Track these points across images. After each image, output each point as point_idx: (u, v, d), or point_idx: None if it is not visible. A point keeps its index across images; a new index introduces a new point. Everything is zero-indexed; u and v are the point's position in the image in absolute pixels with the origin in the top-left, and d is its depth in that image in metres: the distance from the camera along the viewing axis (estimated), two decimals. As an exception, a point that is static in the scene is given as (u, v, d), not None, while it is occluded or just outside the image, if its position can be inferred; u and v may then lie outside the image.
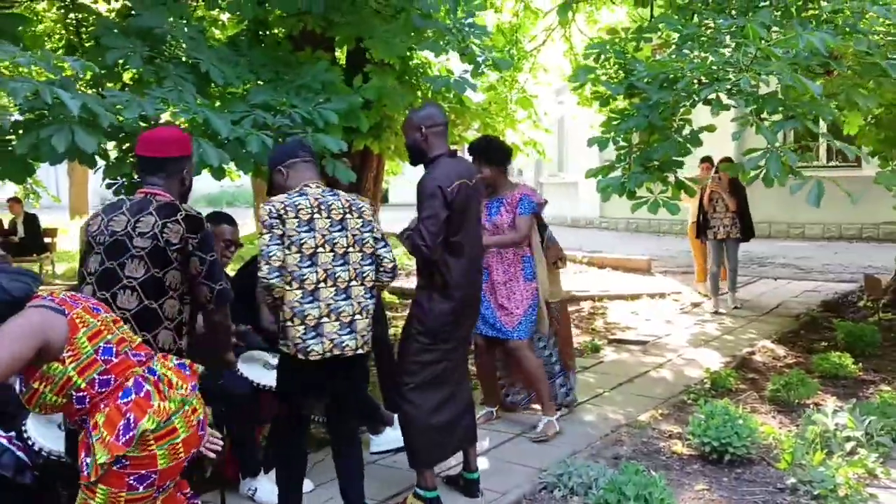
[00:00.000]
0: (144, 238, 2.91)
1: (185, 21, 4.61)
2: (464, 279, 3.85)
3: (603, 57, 5.97)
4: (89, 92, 4.10)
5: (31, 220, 12.28)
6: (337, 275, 3.34)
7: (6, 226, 12.44)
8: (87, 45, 6.17)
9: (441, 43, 4.98)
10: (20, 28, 4.67)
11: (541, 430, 4.89)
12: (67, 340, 2.38)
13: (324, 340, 3.30)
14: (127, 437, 2.35)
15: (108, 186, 4.28)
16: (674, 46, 5.66)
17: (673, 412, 5.37)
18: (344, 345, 3.35)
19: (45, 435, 3.18)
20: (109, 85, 4.58)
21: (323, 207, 3.35)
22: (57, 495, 3.33)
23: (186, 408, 2.51)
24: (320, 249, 3.30)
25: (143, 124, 3.81)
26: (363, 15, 4.99)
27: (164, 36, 4.41)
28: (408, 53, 6.10)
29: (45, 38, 8.10)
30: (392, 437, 4.59)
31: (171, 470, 2.48)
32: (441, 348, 3.85)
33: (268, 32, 5.56)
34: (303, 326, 3.28)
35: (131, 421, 2.37)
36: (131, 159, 4.13)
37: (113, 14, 6.65)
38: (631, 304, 9.70)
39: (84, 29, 6.86)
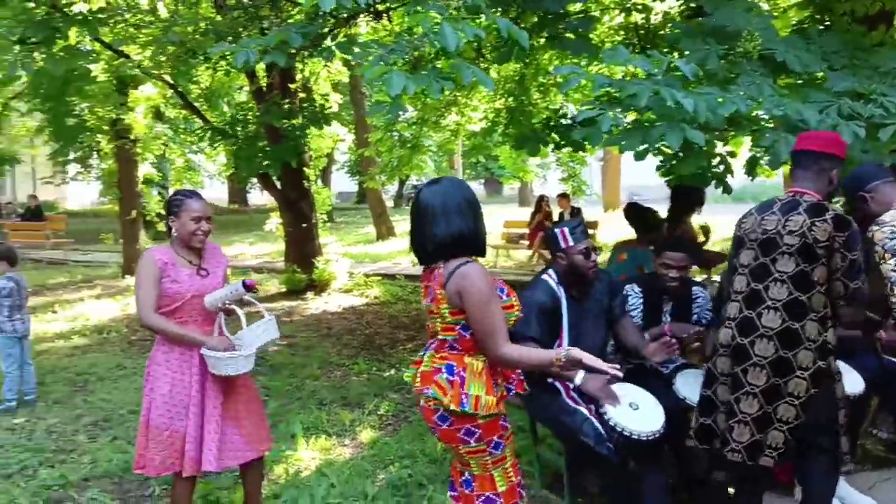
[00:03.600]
0: (793, 236, 3.10)
1: (753, 13, 4.62)
2: None
3: None
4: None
5: (576, 213, 13.68)
6: None
7: (555, 217, 14.07)
8: (646, 45, 6.63)
9: None
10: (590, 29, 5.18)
11: None
12: None
13: None
14: None
15: (670, 186, 4.56)
16: None
17: None
18: None
19: (619, 412, 3.49)
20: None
21: None
22: (628, 465, 3.64)
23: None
24: None
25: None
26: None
27: (737, 32, 4.48)
28: None
29: (602, 40, 8.97)
30: None
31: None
32: None
33: (835, 16, 5.25)
34: None
35: None
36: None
37: (675, 14, 7.02)
38: None
39: (642, 31, 7.40)
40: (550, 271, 3.91)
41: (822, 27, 5.21)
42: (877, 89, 4.11)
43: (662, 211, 5.30)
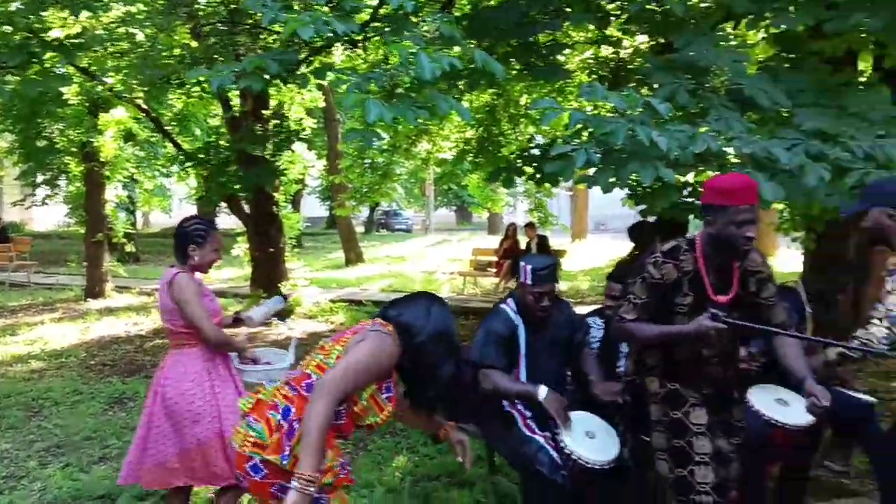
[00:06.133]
0: None
1: (722, 48, 4.70)
2: None
3: None
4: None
5: (543, 242, 13.76)
6: None
7: (522, 246, 14.12)
8: (616, 79, 6.73)
9: None
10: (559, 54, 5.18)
11: None
12: None
13: None
14: None
15: (643, 213, 4.62)
16: None
17: None
18: None
19: (574, 440, 3.48)
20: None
21: None
22: (584, 495, 3.60)
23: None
24: None
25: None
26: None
27: (707, 67, 4.54)
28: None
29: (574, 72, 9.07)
30: None
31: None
32: None
33: (802, 55, 5.34)
34: None
35: None
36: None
37: (644, 49, 7.12)
38: None
39: (611, 64, 7.51)
40: (510, 300, 3.92)
41: (788, 66, 5.29)
42: (846, 131, 4.12)
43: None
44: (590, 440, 3.52)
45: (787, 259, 14.67)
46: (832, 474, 4.63)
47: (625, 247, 21.97)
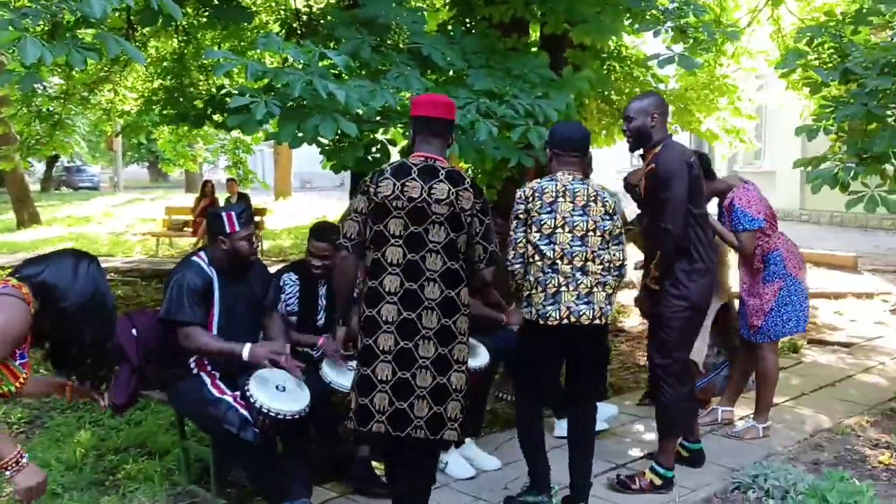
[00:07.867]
0: (441, 205, 3.13)
1: (403, 6, 4.88)
2: (712, 251, 4.00)
3: (816, 41, 5.65)
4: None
5: (243, 200, 13.37)
6: (574, 253, 3.56)
7: (222, 203, 13.66)
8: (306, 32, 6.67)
9: (658, 23, 4.95)
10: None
11: (740, 429, 4.81)
12: None
13: (560, 308, 3.53)
14: None
15: (334, 169, 4.71)
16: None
17: (881, 420, 5.09)
18: (581, 314, 3.55)
19: (265, 394, 3.48)
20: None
21: (568, 193, 3.59)
22: (275, 450, 3.65)
23: None
24: (559, 230, 3.56)
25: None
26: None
27: (388, 24, 4.68)
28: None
29: (261, 27, 8.87)
30: None
31: None
32: (699, 322, 4.06)
33: (476, 20, 5.71)
34: (543, 294, 3.54)
35: None
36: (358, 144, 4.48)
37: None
38: (834, 303, 9.14)
39: (302, 17, 7.44)
40: (202, 253, 3.81)
41: (464, 29, 5.64)
42: (510, 91, 4.53)
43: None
44: (280, 392, 3.54)
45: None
46: (507, 405, 5.11)
47: (331, 204, 22.13)
